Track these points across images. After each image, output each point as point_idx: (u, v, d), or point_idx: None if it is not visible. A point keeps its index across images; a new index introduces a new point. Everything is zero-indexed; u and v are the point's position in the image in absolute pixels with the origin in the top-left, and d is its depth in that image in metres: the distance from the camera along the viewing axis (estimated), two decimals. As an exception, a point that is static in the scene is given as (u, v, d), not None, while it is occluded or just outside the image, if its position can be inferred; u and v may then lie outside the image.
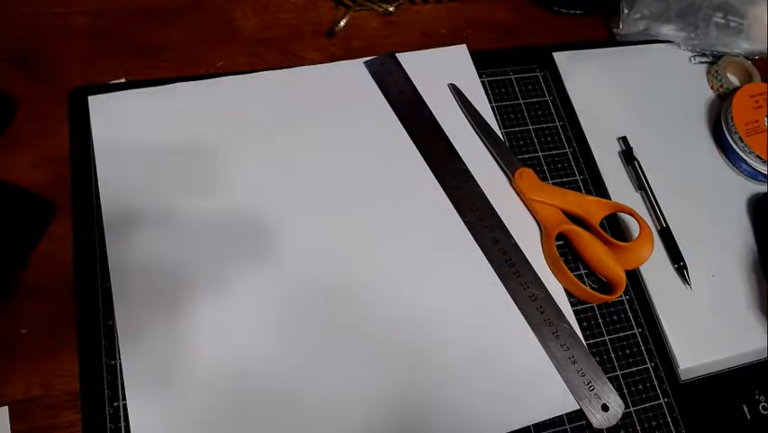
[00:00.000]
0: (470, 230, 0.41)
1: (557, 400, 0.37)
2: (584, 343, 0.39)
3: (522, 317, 0.39)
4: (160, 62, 0.44)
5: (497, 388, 0.37)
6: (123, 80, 0.42)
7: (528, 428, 0.36)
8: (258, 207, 0.39)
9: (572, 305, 0.40)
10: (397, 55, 0.46)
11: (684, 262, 0.43)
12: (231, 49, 0.45)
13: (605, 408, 0.37)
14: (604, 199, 0.43)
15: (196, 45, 0.45)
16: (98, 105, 0.40)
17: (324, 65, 0.45)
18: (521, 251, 0.41)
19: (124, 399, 0.33)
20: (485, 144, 0.44)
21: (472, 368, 0.37)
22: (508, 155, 0.44)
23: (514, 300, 0.39)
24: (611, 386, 0.38)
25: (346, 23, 0.48)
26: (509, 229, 0.41)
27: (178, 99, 0.42)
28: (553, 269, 0.41)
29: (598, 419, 0.37)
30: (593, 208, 0.42)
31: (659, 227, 0.44)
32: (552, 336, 0.38)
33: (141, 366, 0.34)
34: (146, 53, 0.44)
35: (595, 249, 0.41)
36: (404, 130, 0.44)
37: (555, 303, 0.39)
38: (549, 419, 0.37)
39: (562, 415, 0.37)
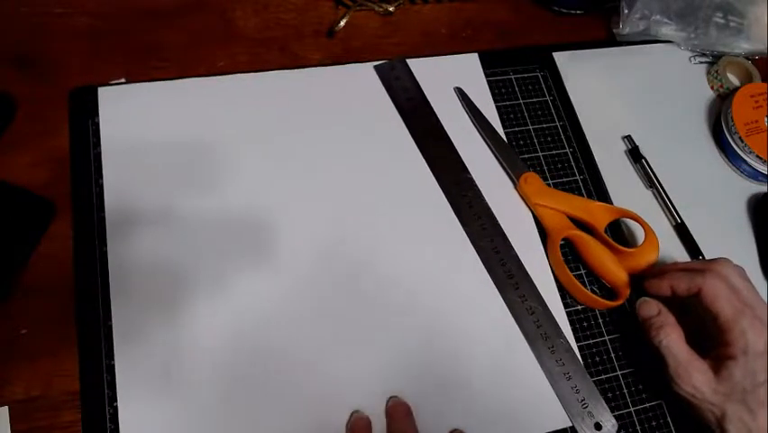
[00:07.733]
0: (470, 239, 0.41)
1: (549, 415, 0.37)
2: (580, 360, 0.38)
3: (518, 329, 0.39)
4: (159, 62, 0.44)
5: (488, 401, 0.36)
6: (122, 80, 0.42)
7: (520, 440, 0.36)
8: (258, 207, 0.39)
9: (570, 315, 0.40)
10: (407, 61, 0.46)
11: (703, 255, 0.43)
12: (231, 49, 0.45)
13: (598, 426, 0.36)
14: (609, 205, 0.42)
15: (196, 45, 0.45)
16: (107, 99, 0.40)
17: (332, 67, 0.45)
18: (521, 262, 0.40)
19: (124, 399, 0.33)
20: (491, 150, 0.44)
21: (464, 381, 0.37)
22: (515, 159, 0.44)
23: (511, 312, 0.39)
24: (605, 405, 0.37)
25: (346, 23, 0.48)
26: (511, 239, 0.41)
27: (182, 98, 0.41)
28: (558, 274, 0.41)
29: (590, 437, 0.36)
30: (599, 214, 0.41)
31: (674, 223, 0.44)
32: (547, 350, 0.38)
33: (137, 367, 0.34)
34: (146, 53, 0.44)
35: (600, 255, 0.40)
36: (410, 136, 0.43)
37: (553, 317, 0.39)
38: (540, 435, 0.36)
39: (553, 431, 0.36)
